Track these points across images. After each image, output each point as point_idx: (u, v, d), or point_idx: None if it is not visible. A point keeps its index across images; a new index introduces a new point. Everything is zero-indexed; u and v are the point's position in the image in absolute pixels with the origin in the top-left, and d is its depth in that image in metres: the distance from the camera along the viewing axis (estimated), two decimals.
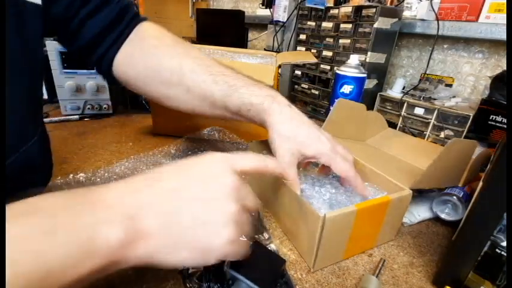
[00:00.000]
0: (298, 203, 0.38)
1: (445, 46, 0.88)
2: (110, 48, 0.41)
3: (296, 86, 1.07)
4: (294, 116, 0.40)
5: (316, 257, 0.36)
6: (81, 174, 0.51)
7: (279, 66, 0.73)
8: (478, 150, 0.49)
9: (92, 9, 0.38)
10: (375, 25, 0.78)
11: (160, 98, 0.44)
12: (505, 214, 0.28)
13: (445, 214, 0.49)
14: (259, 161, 0.30)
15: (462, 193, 0.47)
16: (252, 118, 0.41)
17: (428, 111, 0.77)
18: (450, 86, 0.86)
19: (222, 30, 1.32)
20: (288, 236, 0.42)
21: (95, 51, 0.41)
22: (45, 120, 0.75)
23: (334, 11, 0.88)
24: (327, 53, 0.92)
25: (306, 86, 1.03)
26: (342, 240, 0.37)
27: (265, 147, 0.49)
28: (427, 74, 0.89)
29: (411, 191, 0.40)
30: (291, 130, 0.39)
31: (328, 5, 0.92)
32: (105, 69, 0.43)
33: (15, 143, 0.32)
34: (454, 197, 0.47)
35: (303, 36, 1.02)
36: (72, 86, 0.77)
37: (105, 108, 0.83)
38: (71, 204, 0.21)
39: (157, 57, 0.41)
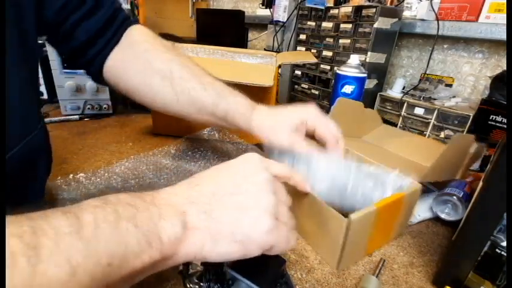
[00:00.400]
0: (320, 207, 0.37)
1: (445, 46, 0.88)
2: (100, 52, 0.41)
3: (296, 86, 1.07)
4: (272, 111, 0.44)
5: (341, 258, 0.37)
6: (81, 174, 0.51)
7: (279, 66, 0.73)
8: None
9: (86, 12, 0.38)
10: (375, 25, 0.78)
11: (149, 101, 0.45)
12: (505, 214, 0.28)
13: (445, 214, 0.49)
14: (288, 171, 0.32)
15: (462, 193, 0.47)
16: (238, 124, 0.44)
17: (428, 111, 0.77)
18: (450, 86, 0.86)
19: (222, 30, 1.32)
20: (306, 238, 0.43)
21: (86, 53, 0.41)
22: (45, 120, 0.75)
23: (334, 11, 0.88)
24: (327, 53, 0.92)
25: (306, 86, 1.03)
26: (363, 238, 0.38)
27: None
28: (427, 74, 0.89)
29: (421, 185, 0.42)
30: (274, 118, 0.43)
31: (328, 5, 0.92)
32: (94, 71, 0.43)
33: (20, 133, 0.32)
34: (454, 197, 0.47)
35: (303, 36, 1.01)
36: (72, 86, 0.77)
37: (105, 108, 0.83)
38: (133, 201, 0.22)
39: (148, 61, 0.42)
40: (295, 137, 0.41)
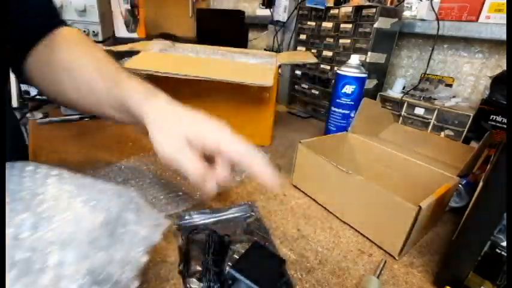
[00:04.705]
0: (385, 195, 0.40)
1: (445, 46, 0.88)
2: (22, 52, 0.41)
3: (296, 86, 1.07)
4: (174, 106, 0.36)
5: (404, 245, 0.39)
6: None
7: (279, 66, 0.73)
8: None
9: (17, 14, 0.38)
10: (375, 25, 0.78)
11: (57, 96, 0.43)
12: (505, 214, 0.28)
13: (452, 201, 0.50)
14: None
15: (465, 181, 0.49)
16: (134, 114, 0.37)
17: (428, 111, 0.77)
18: (450, 86, 0.86)
19: (222, 30, 1.32)
20: (358, 227, 0.45)
21: (13, 53, 0.41)
22: (45, 120, 0.75)
23: (334, 11, 0.88)
24: (327, 53, 0.92)
25: (306, 86, 1.03)
26: (421, 224, 0.40)
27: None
28: (427, 74, 0.89)
29: (459, 177, 0.46)
30: (170, 116, 0.35)
31: (328, 5, 0.92)
32: (16, 70, 0.43)
33: None
34: (459, 185, 0.49)
35: (303, 36, 1.01)
36: None
37: None
38: None
39: (54, 52, 0.41)
40: (179, 148, 0.32)
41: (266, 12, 1.26)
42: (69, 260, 0.20)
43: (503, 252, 0.29)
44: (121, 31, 1.21)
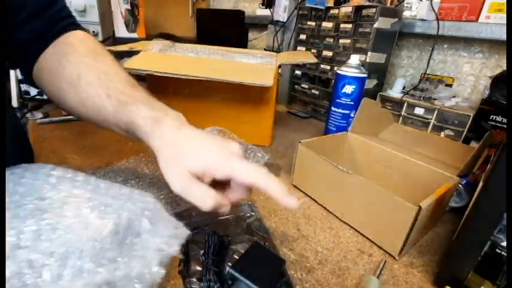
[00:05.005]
0: (386, 196, 0.40)
1: (445, 46, 0.88)
2: (30, 59, 0.41)
3: (296, 86, 1.07)
4: (179, 136, 0.35)
5: (404, 245, 0.39)
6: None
7: (279, 66, 0.73)
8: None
9: (18, 23, 0.38)
10: (375, 25, 0.78)
11: (62, 107, 0.43)
12: (505, 214, 0.28)
13: (452, 201, 0.51)
14: None
15: (465, 181, 0.49)
16: (141, 140, 0.37)
17: (428, 111, 0.77)
18: (450, 86, 0.86)
19: (222, 30, 1.32)
20: (358, 227, 0.45)
21: (22, 56, 0.41)
22: (45, 120, 0.75)
23: (334, 11, 0.88)
24: (327, 53, 0.92)
25: (306, 86, 1.03)
26: (421, 224, 0.40)
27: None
28: (427, 74, 0.89)
29: (459, 177, 0.47)
30: (175, 151, 0.34)
31: (328, 5, 0.92)
32: (25, 74, 0.43)
33: None
34: (459, 185, 0.49)
35: (303, 36, 1.01)
36: None
37: None
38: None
39: (62, 65, 0.40)
40: (186, 186, 0.32)
41: (266, 12, 1.26)
42: (66, 276, 0.18)
43: (503, 252, 0.29)
44: (121, 31, 1.21)
